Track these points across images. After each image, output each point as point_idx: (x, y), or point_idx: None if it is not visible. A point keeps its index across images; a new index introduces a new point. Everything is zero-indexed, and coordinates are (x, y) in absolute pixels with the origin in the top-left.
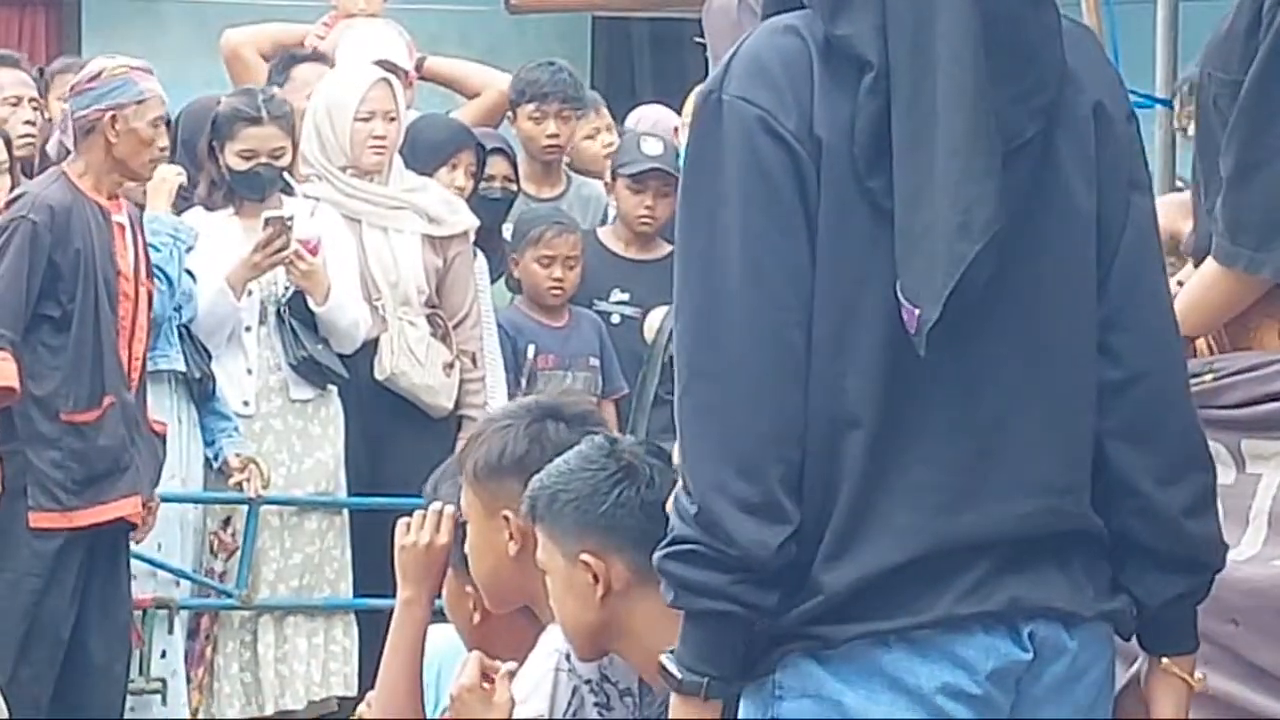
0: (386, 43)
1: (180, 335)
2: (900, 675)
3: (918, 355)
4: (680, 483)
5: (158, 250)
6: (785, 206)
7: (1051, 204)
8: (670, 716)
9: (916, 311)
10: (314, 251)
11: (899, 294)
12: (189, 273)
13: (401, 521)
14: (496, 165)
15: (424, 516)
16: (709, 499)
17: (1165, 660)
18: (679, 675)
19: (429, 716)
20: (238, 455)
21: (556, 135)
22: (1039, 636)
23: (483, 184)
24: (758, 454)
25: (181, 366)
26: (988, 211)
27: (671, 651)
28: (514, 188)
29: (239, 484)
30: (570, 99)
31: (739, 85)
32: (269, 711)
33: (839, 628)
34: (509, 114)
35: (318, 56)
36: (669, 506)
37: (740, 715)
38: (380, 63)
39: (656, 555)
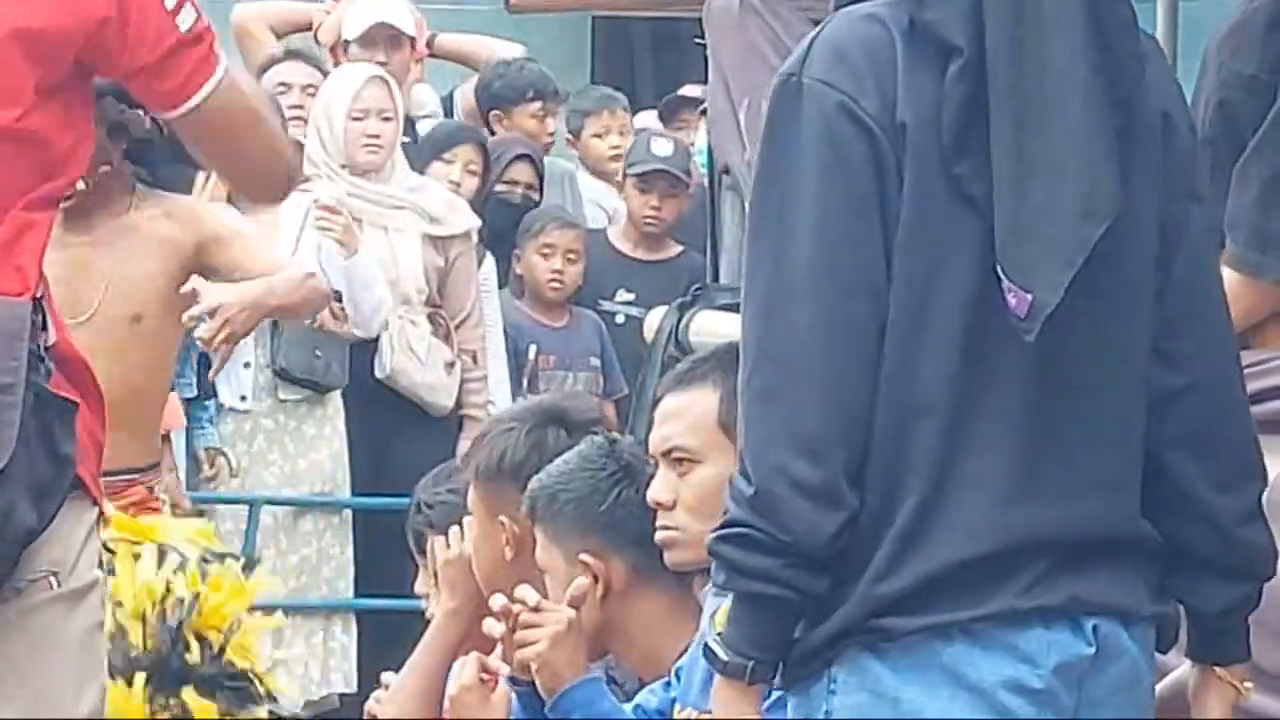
0: (391, 9)
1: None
2: (961, 669)
3: (993, 343)
4: (738, 466)
5: None
6: (862, 191)
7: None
8: (714, 699)
9: (1029, 297)
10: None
11: (1003, 278)
12: None
13: (439, 537)
14: (520, 171)
15: (463, 530)
16: (769, 481)
17: (1218, 669)
18: (725, 657)
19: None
20: (206, 450)
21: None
22: (1101, 632)
23: (502, 187)
24: (822, 437)
25: (194, 392)
26: (1111, 194)
27: (719, 635)
28: (535, 196)
29: (207, 480)
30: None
31: (819, 69)
32: (261, 714)
33: (900, 620)
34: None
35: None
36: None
37: (790, 712)
38: (383, 25)
39: (709, 539)
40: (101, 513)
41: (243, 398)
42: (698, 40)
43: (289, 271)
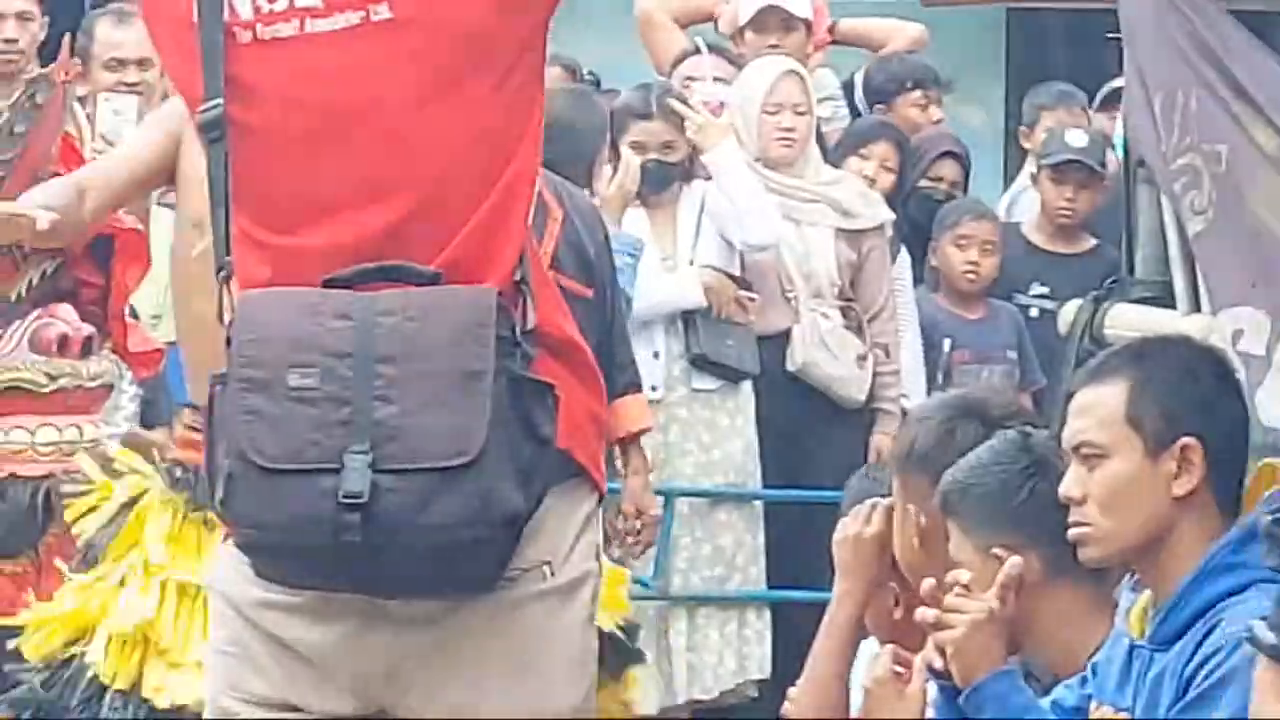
0: None
1: None
2: None
3: None
4: None
5: (620, 271)
6: None
7: None
8: (1258, 684)
9: None
10: (715, 113)
11: None
12: None
13: (845, 517)
14: (946, 168)
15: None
16: None
17: None
18: (1275, 640)
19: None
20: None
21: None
22: None
23: (927, 183)
24: None
25: None
26: None
27: (1265, 620)
28: (959, 195)
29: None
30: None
31: None
32: (680, 700)
33: None
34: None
35: None
36: None
37: None
38: (775, 9)
39: (1264, 519)
40: (601, 499)
41: (653, 388)
42: (1110, 35)
43: None
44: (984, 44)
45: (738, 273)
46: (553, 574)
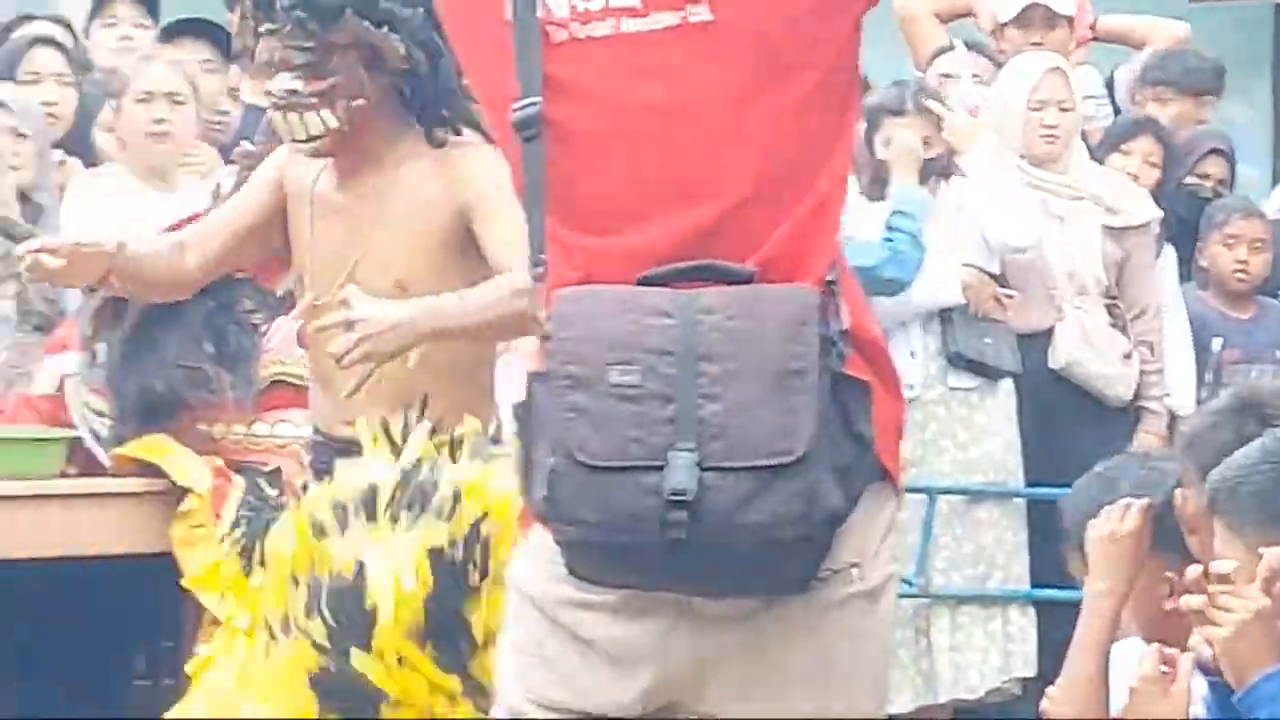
0: None
1: None
2: None
3: None
4: None
5: (913, 220)
6: None
7: None
8: None
9: None
10: (972, 114)
11: None
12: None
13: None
14: (1213, 165)
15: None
16: None
17: None
18: None
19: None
20: None
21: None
22: None
23: (1193, 180)
24: None
25: None
26: None
27: None
28: (1226, 192)
29: None
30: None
31: None
32: (942, 699)
33: None
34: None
35: None
36: None
37: None
38: (1038, 6)
39: None
40: (898, 503)
41: (910, 386)
42: None
43: (493, 285)
44: (1251, 40)
45: (996, 270)
46: (861, 577)
